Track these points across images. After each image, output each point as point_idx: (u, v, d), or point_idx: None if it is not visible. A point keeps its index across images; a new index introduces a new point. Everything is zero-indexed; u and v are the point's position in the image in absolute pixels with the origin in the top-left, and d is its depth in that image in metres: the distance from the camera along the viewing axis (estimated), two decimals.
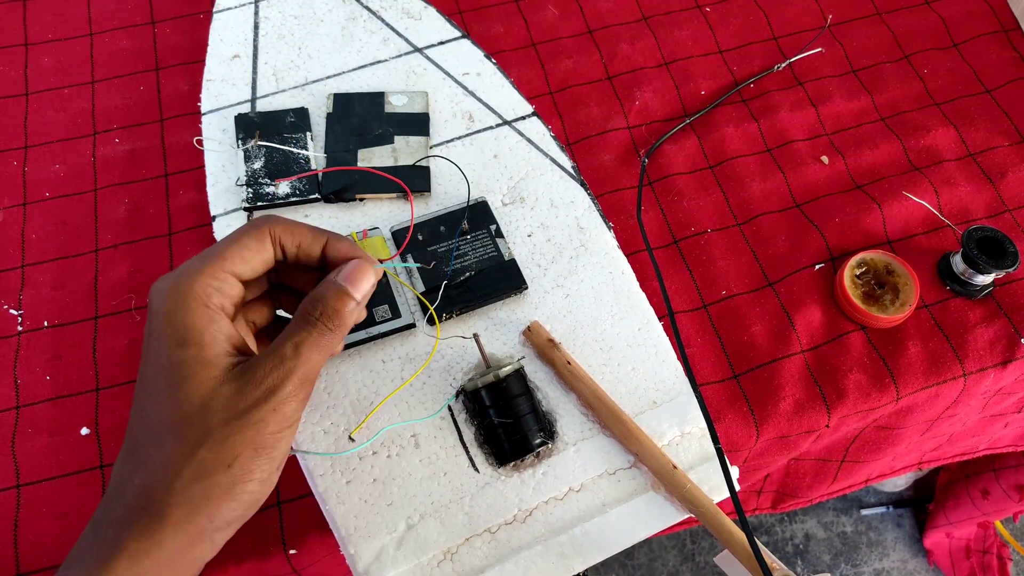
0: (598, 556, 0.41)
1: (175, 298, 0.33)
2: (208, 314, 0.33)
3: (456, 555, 0.40)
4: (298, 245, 0.36)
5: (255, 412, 0.32)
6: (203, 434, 0.31)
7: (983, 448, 0.69)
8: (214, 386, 0.32)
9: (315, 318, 0.34)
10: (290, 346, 0.33)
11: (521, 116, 0.54)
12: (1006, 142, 0.59)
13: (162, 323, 0.32)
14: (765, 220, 0.55)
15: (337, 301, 0.35)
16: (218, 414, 0.31)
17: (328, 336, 0.34)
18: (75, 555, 0.31)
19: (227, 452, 0.31)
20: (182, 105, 0.59)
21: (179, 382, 0.32)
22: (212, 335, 0.33)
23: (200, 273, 0.33)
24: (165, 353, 0.32)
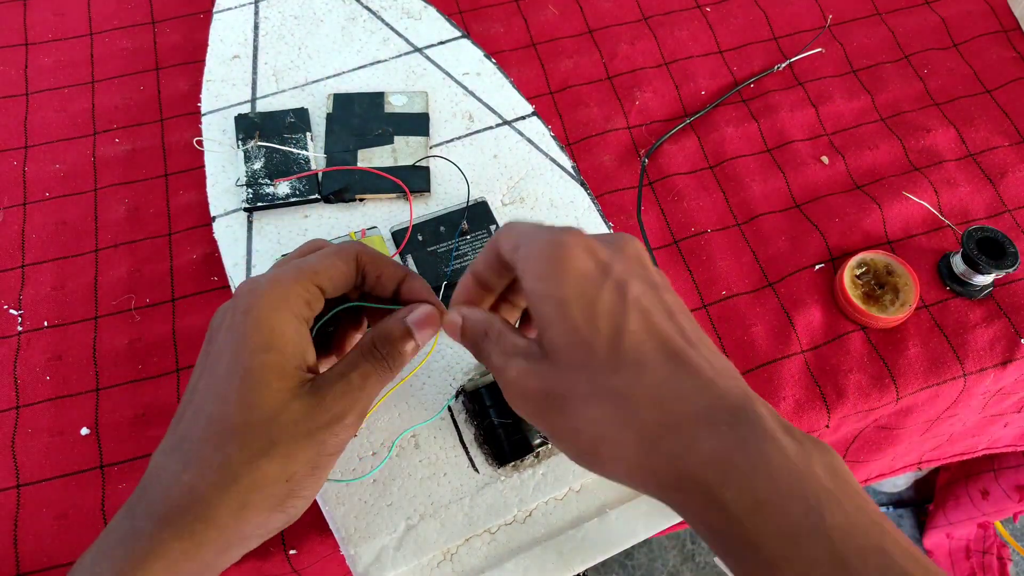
0: (598, 556, 0.41)
1: (270, 300, 0.32)
2: (296, 324, 0.32)
3: (456, 555, 0.40)
4: (378, 276, 0.36)
5: (320, 433, 0.31)
6: (269, 444, 0.30)
7: (983, 448, 0.69)
8: (287, 399, 0.31)
9: (382, 354, 0.34)
10: (358, 376, 0.33)
11: (521, 116, 0.54)
12: (1006, 142, 0.59)
13: (250, 324, 0.31)
14: (765, 220, 0.55)
15: (403, 342, 0.35)
16: (287, 428, 0.31)
17: (388, 374, 0.34)
18: (105, 545, 0.30)
19: (289, 467, 0.31)
20: (182, 105, 0.59)
21: (254, 386, 0.31)
22: (296, 346, 0.32)
23: (295, 282, 0.33)
24: (247, 354, 0.31)
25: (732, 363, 0.31)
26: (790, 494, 0.25)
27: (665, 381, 0.28)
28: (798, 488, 0.26)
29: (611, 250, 0.31)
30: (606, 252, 0.31)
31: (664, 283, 0.32)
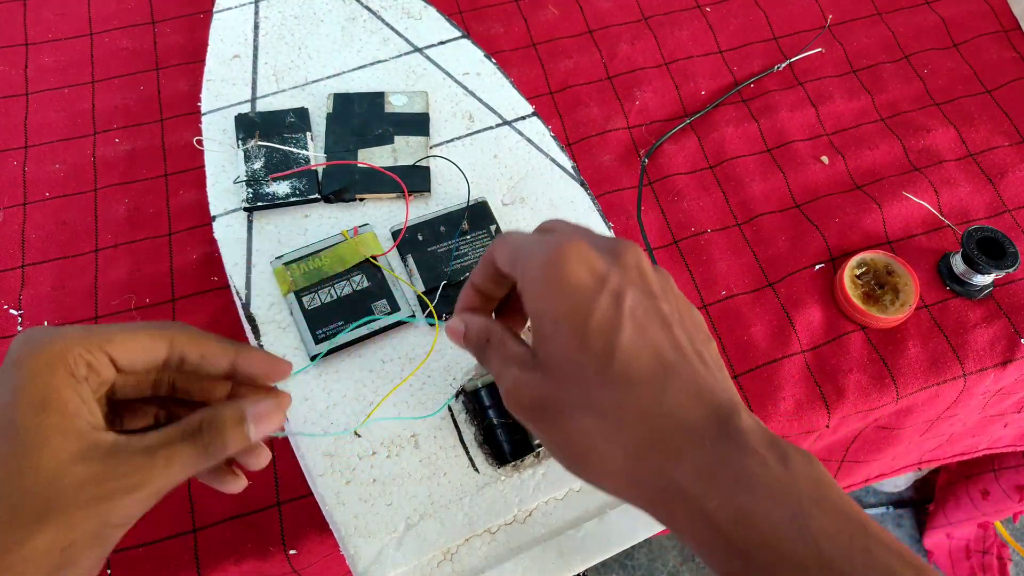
0: (598, 556, 0.41)
1: (45, 357, 0.29)
2: (74, 383, 0.30)
3: (456, 555, 0.40)
4: (202, 356, 0.34)
5: (105, 503, 0.29)
6: (45, 511, 0.28)
7: (983, 448, 0.69)
8: (69, 461, 0.28)
9: (203, 441, 0.31)
10: (164, 455, 0.30)
11: (521, 116, 0.54)
12: (1006, 142, 0.59)
13: (25, 378, 0.29)
14: (765, 220, 0.55)
15: (233, 435, 0.32)
16: (68, 493, 0.28)
17: (204, 460, 0.31)
18: None
19: (66, 535, 0.28)
20: (182, 105, 0.59)
21: (30, 450, 0.28)
22: (77, 406, 0.29)
23: (77, 342, 0.30)
24: (20, 414, 0.28)
25: (725, 371, 0.31)
26: (773, 503, 0.26)
27: (653, 396, 0.28)
28: (781, 497, 0.26)
29: (609, 259, 0.31)
30: (603, 262, 0.30)
31: (663, 290, 0.31)
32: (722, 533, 0.26)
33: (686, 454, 0.27)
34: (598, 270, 0.30)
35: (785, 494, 0.26)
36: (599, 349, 0.29)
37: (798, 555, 0.25)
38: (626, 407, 0.28)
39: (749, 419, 0.28)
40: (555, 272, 0.30)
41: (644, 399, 0.28)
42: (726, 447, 0.27)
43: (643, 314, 0.30)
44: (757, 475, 0.26)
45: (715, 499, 0.26)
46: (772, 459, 0.27)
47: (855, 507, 0.27)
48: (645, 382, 0.29)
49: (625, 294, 0.30)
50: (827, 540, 0.25)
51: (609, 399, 0.29)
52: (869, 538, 0.25)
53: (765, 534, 0.26)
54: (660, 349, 0.29)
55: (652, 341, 0.29)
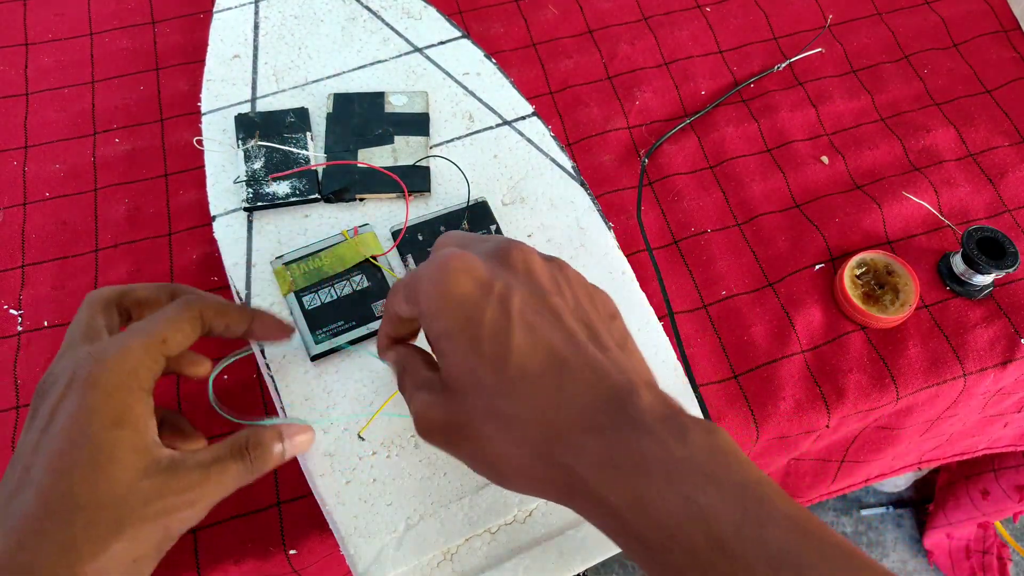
0: (598, 556, 0.41)
1: (119, 375, 0.32)
2: (146, 400, 0.32)
3: (456, 555, 0.40)
4: (226, 325, 0.37)
5: (167, 517, 0.31)
6: (119, 523, 0.30)
7: (983, 448, 0.69)
8: (138, 476, 0.31)
9: (250, 456, 0.34)
10: (217, 470, 0.33)
11: (521, 116, 0.54)
12: (1006, 142, 0.59)
13: (99, 397, 0.31)
14: (765, 220, 0.55)
15: (272, 455, 0.36)
16: (136, 508, 0.30)
17: (248, 476, 0.35)
18: None
19: (137, 547, 0.30)
20: (182, 105, 0.59)
21: (105, 463, 0.30)
22: (146, 421, 0.32)
23: (145, 354, 0.33)
24: (97, 430, 0.30)
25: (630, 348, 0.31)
26: (668, 485, 0.26)
27: (549, 393, 0.28)
28: (676, 478, 0.26)
29: (493, 263, 0.31)
30: (486, 268, 0.30)
31: (554, 282, 0.31)
32: (623, 521, 0.26)
33: (585, 447, 0.27)
34: (482, 278, 0.30)
35: (678, 473, 0.26)
36: (492, 355, 0.29)
37: (691, 538, 0.25)
38: (525, 409, 0.28)
39: (648, 396, 0.28)
40: (441, 290, 0.30)
41: (541, 397, 0.28)
42: (623, 432, 0.27)
43: (532, 313, 0.30)
44: (652, 457, 0.26)
45: (614, 490, 0.26)
46: (669, 437, 0.27)
47: (755, 478, 0.26)
48: (540, 380, 0.28)
49: (512, 296, 0.30)
50: (717, 519, 0.25)
51: (508, 403, 0.29)
52: (762, 508, 0.25)
53: (660, 518, 0.25)
54: (552, 345, 0.29)
55: (544, 338, 0.29)
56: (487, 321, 0.29)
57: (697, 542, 0.25)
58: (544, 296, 0.30)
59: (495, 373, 0.29)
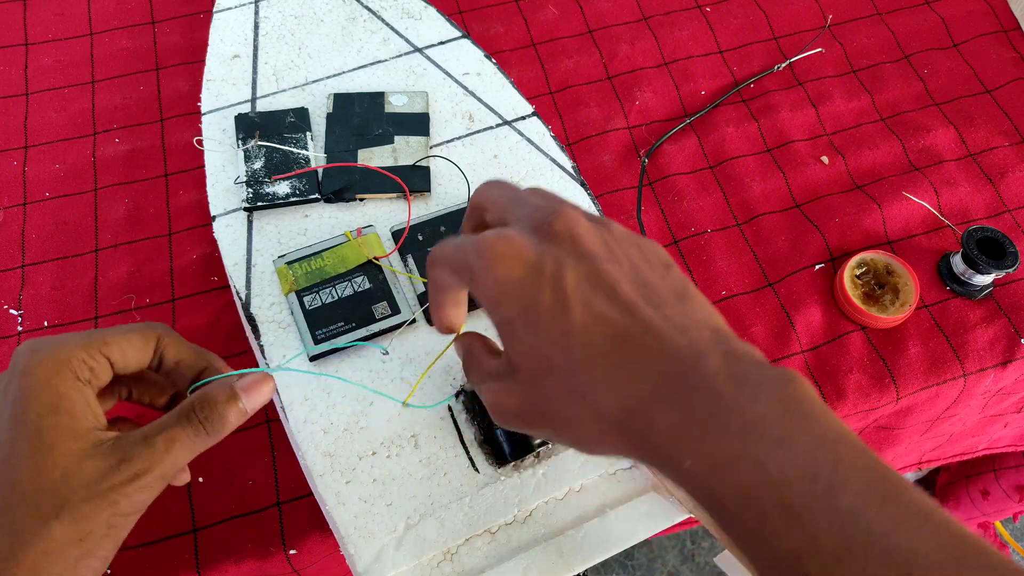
0: (598, 556, 0.41)
1: (52, 364, 0.32)
2: (80, 386, 0.32)
3: (456, 555, 0.40)
4: (177, 361, 0.37)
5: (113, 493, 0.31)
6: (59, 506, 0.30)
7: (983, 448, 0.69)
8: (78, 459, 0.31)
9: (199, 419, 0.34)
10: (163, 440, 0.33)
11: (521, 116, 0.54)
12: (1006, 142, 0.59)
13: (34, 385, 0.31)
14: (765, 220, 0.55)
15: (227, 408, 0.35)
16: (79, 489, 0.30)
17: (203, 439, 0.34)
18: None
19: (82, 527, 0.30)
20: (182, 105, 0.59)
21: (44, 449, 0.31)
22: (83, 408, 0.32)
23: (80, 347, 0.33)
24: (33, 417, 0.31)
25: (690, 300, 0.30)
26: (741, 452, 0.25)
27: (616, 368, 0.28)
28: (749, 444, 0.25)
29: (539, 239, 0.30)
30: (533, 248, 0.30)
31: (604, 246, 0.31)
32: (700, 486, 0.26)
33: (658, 417, 0.27)
34: (531, 260, 0.29)
35: (750, 436, 0.25)
36: (555, 337, 0.29)
37: (763, 505, 0.25)
38: (595, 386, 0.28)
39: (714, 356, 0.28)
40: (493, 279, 0.30)
41: (609, 371, 0.28)
42: (694, 400, 0.27)
43: (587, 287, 0.29)
44: (725, 425, 0.26)
45: (689, 456, 0.26)
46: (739, 397, 0.26)
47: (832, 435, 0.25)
48: (606, 354, 0.28)
49: (564, 274, 0.29)
50: (787, 485, 0.24)
51: (578, 381, 0.29)
52: (836, 475, 0.24)
53: (734, 485, 0.25)
54: (611, 318, 0.29)
55: (602, 312, 0.29)
56: (543, 304, 0.29)
57: (769, 509, 0.25)
58: (595, 265, 0.30)
59: (561, 354, 0.29)
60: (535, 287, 0.29)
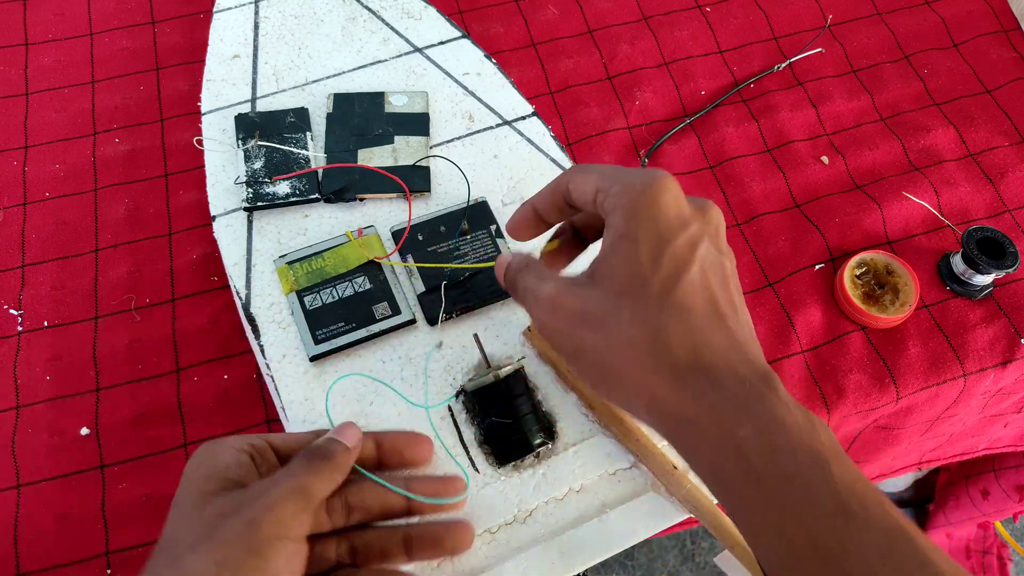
0: (598, 556, 0.41)
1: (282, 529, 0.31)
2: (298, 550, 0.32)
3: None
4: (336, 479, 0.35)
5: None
6: None
7: (983, 448, 0.69)
8: None
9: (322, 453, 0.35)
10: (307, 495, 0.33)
11: (521, 116, 0.54)
12: (1006, 142, 0.59)
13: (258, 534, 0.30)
14: (765, 220, 0.55)
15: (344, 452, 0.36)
16: None
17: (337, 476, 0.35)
18: None
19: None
20: (182, 105, 0.59)
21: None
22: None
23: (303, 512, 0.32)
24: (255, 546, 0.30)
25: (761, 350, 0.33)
26: (800, 445, 0.28)
27: (704, 330, 0.31)
28: (808, 442, 0.28)
29: (695, 208, 0.33)
30: (691, 209, 0.33)
31: (730, 255, 0.34)
32: (745, 460, 0.28)
33: (727, 384, 0.30)
34: (684, 211, 0.32)
35: (811, 441, 0.28)
36: (667, 275, 0.31)
37: (816, 491, 0.27)
38: (678, 332, 0.30)
39: (783, 388, 0.31)
40: (651, 199, 0.32)
41: (696, 330, 0.31)
42: (763, 389, 0.29)
43: (710, 264, 0.32)
44: (787, 422, 0.29)
45: (747, 428, 0.28)
46: (801, 416, 0.29)
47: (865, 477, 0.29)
48: (701, 316, 0.31)
49: (700, 241, 0.32)
50: (845, 487, 0.27)
51: (664, 320, 0.31)
52: (882, 495, 0.28)
53: (788, 470, 0.28)
54: (715, 297, 0.32)
55: (711, 287, 0.32)
56: (674, 246, 0.31)
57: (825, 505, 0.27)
58: (722, 257, 0.33)
59: (663, 290, 0.31)
60: (676, 230, 0.32)
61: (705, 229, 0.33)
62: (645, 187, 0.32)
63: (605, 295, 0.32)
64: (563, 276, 0.34)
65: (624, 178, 0.33)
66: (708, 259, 0.32)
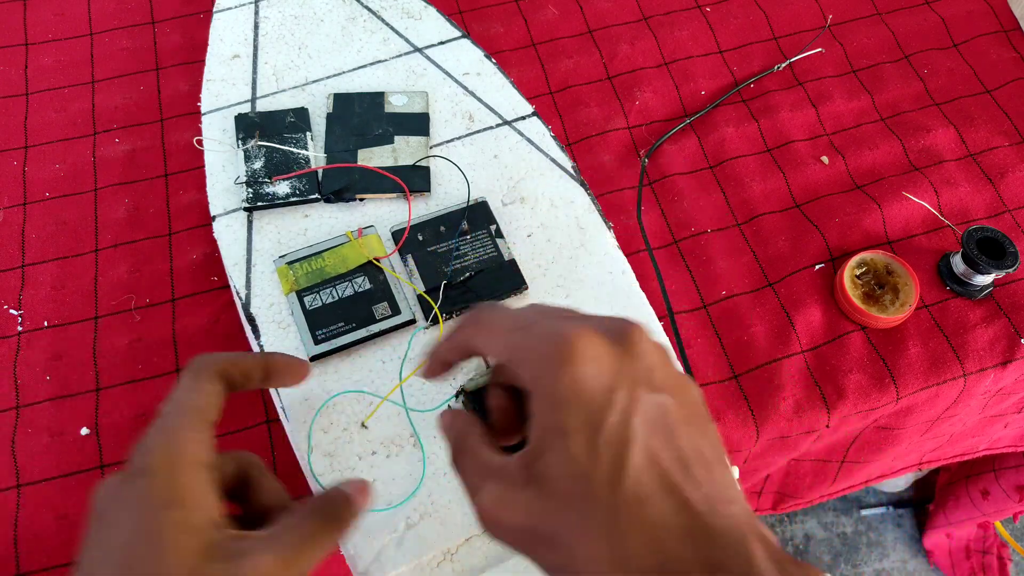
0: None
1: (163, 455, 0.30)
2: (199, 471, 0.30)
3: (456, 555, 0.40)
4: (243, 374, 0.35)
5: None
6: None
7: (983, 448, 0.69)
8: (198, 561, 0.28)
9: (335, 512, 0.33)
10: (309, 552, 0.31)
11: (521, 116, 0.54)
12: (1006, 142, 0.59)
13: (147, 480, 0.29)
14: (765, 220, 0.55)
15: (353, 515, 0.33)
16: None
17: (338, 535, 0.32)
18: None
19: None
20: (182, 105, 0.59)
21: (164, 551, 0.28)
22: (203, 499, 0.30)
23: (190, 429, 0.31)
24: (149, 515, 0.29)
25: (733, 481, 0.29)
26: None
27: (662, 521, 0.26)
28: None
29: (618, 352, 0.28)
30: (613, 356, 0.28)
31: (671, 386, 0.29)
32: None
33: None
34: (608, 371, 0.27)
35: None
36: (609, 468, 0.26)
37: None
38: (634, 532, 0.26)
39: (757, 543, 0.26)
40: (569, 379, 0.27)
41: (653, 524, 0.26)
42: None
43: (650, 426, 0.27)
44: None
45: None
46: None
47: None
48: (656, 504, 0.26)
49: (635, 404, 0.27)
50: None
51: (617, 523, 0.26)
52: None
53: None
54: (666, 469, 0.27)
55: (659, 459, 0.27)
56: (607, 427, 0.26)
57: None
58: (663, 406, 0.28)
59: (610, 485, 0.26)
60: (604, 404, 0.27)
61: (636, 377, 0.27)
62: (559, 363, 0.27)
63: (551, 504, 0.27)
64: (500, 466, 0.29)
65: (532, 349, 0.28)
66: (647, 424, 0.27)
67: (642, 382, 0.28)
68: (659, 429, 0.27)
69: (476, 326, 0.31)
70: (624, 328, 0.29)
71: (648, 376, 0.28)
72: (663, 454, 0.27)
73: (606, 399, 0.27)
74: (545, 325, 0.28)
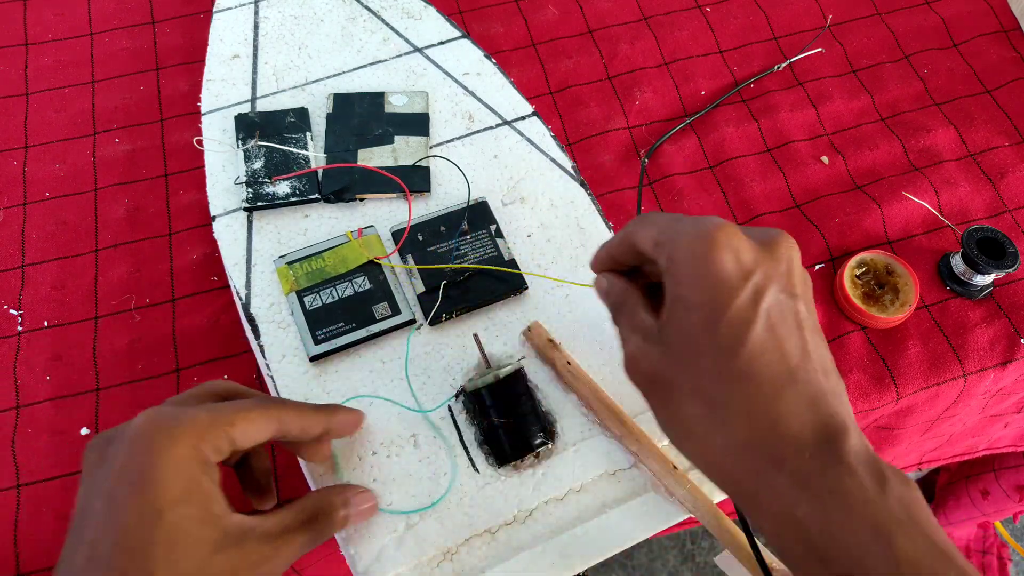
0: (598, 556, 0.41)
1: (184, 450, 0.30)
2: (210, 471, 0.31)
3: (456, 555, 0.40)
4: (302, 429, 0.36)
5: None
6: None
7: (983, 448, 0.69)
8: (209, 553, 0.30)
9: (316, 528, 0.35)
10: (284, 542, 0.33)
11: (521, 116, 0.54)
12: (1006, 142, 0.59)
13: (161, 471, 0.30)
14: (765, 220, 0.55)
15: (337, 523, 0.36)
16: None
17: (314, 545, 0.35)
18: None
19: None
20: (182, 105, 0.59)
21: (179, 542, 0.29)
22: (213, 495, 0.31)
23: (208, 428, 0.31)
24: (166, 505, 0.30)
25: (843, 385, 0.31)
26: (861, 520, 0.27)
27: (767, 400, 0.29)
28: (870, 516, 0.27)
29: (758, 250, 0.31)
30: (752, 254, 0.30)
31: (804, 290, 0.31)
32: (806, 538, 0.27)
33: (786, 461, 0.28)
34: (745, 262, 0.30)
35: (875, 515, 0.27)
36: (725, 344, 0.29)
37: (876, 568, 0.26)
38: (736, 406, 0.29)
39: (856, 439, 0.29)
40: (702, 260, 0.29)
41: (757, 401, 0.29)
42: (826, 461, 0.28)
43: (779, 313, 0.30)
44: (851, 493, 0.27)
45: (805, 507, 0.27)
46: (869, 480, 0.28)
47: (944, 536, 0.27)
48: (763, 384, 0.29)
49: (766, 291, 0.30)
50: (908, 564, 0.26)
51: (722, 393, 0.29)
52: (952, 568, 0.26)
53: (849, 548, 0.27)
54: (787, 352, 0.29)
55: (780, 343, 0.29)
56: (734, 308, 0.29)
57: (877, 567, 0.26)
58: (795, 301, 0.30)
59: (721, 359, 0.29)
60: (734, 288, 0.29)
61: (771, 273, 0.30)
62: (695, 244, 0.30)
63: (670, 362, 0.31)
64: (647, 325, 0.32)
65: (677, 233, 0.31)
66: (775, 310, 0.30)
67: (777, 280, 0.30)
68: (787, 318, 0.30)
69: (639, 222, 0.33)
70: (774, 235, 0.32)
71: (786, 280, 0.31)
72: (785, 340, 0.30)
73: (739, 281, 0.29)
74: (698, 219, 0.31)
